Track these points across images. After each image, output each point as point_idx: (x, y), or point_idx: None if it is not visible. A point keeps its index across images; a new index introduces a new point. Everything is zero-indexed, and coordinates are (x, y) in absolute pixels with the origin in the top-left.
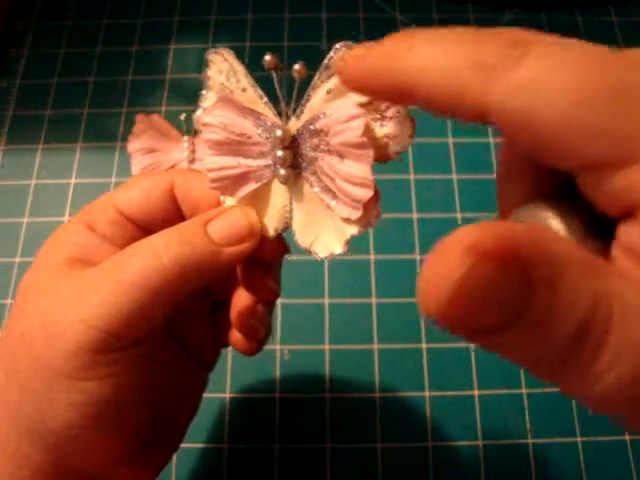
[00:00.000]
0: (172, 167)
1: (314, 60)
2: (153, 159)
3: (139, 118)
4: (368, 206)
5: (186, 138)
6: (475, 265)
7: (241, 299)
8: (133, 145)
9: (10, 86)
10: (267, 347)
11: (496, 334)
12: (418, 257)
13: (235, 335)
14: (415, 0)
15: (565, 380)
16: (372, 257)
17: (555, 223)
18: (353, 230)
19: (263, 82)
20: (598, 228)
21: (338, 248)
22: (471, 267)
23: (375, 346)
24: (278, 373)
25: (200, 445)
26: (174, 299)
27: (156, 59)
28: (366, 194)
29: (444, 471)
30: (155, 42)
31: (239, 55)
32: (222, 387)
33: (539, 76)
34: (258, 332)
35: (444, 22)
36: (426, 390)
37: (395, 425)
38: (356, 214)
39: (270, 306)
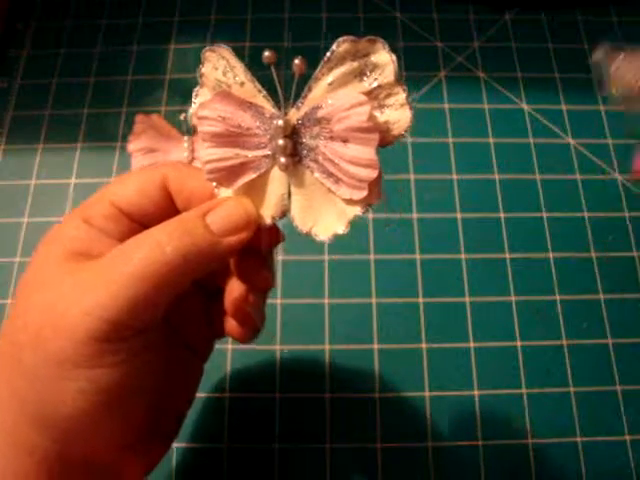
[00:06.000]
0: None
1: (314, 60)
2: (153, 159)
3: (139, 118)
4: (372, 186)
5: (186, 138)
6: None
7: (235, 288)
8: (133, 145)
9: (10, 86)
10: (267, 347)
11: None
12: (418, 257)
13: (230, 323)
14: (415, 0)
15: None
16: (372, 257)
17: None
18: (356, 210)
19: (264, 81)
20: None
21: (340, 228)
22: None
23: (375, 346)
24: (278, 373)
25: (200, 445)
26: (177, 288)
27: (156, 59)
28: (372, 174)
29: (444, 471)
30: (155, 42)
31: (239, 55)
32: (222, 387)
33: None
34: (252, 319)
35: (444, 22)
36: (426, 390)
37: (395, 425)
38: (360, 194)
39: (264, 294)
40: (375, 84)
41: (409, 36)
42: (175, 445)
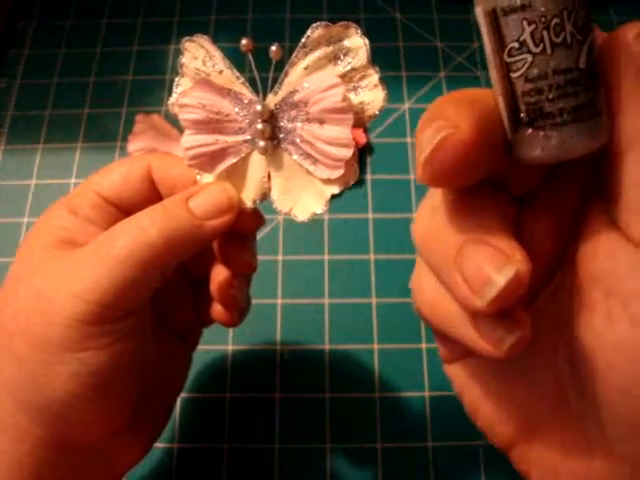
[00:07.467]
0: None
1: None
2: None
3: (139, 118)
4: (348, 165)
5: None
6: None
7: (219, 273)
8: (133, 145)
9: (10, 86)
10: (267, 347)
11: None
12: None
13: (216, 308)
14: (415, 0)
15: None
16: (372, 257)
17: None
18: (333, 189)
19: (264, 82)
20: None
21: (319, 208)
22: None
23: (375, 346)
24: (278, 373)
25: (200, 445)
26: (162, 271)
27: (156, 59)
28: (347, 153)
29: (444, 471)
30: (155, 42)
31: (239, 55)
32: (222, 387)
33: None
34: (238, 302)
35: (444, 22)
36: (426, 390)
37: (395, 425)
38: (337, 173)
39: (248, 278)
40: (349, 67)
41: (409, 36)
42: (175, 445)
